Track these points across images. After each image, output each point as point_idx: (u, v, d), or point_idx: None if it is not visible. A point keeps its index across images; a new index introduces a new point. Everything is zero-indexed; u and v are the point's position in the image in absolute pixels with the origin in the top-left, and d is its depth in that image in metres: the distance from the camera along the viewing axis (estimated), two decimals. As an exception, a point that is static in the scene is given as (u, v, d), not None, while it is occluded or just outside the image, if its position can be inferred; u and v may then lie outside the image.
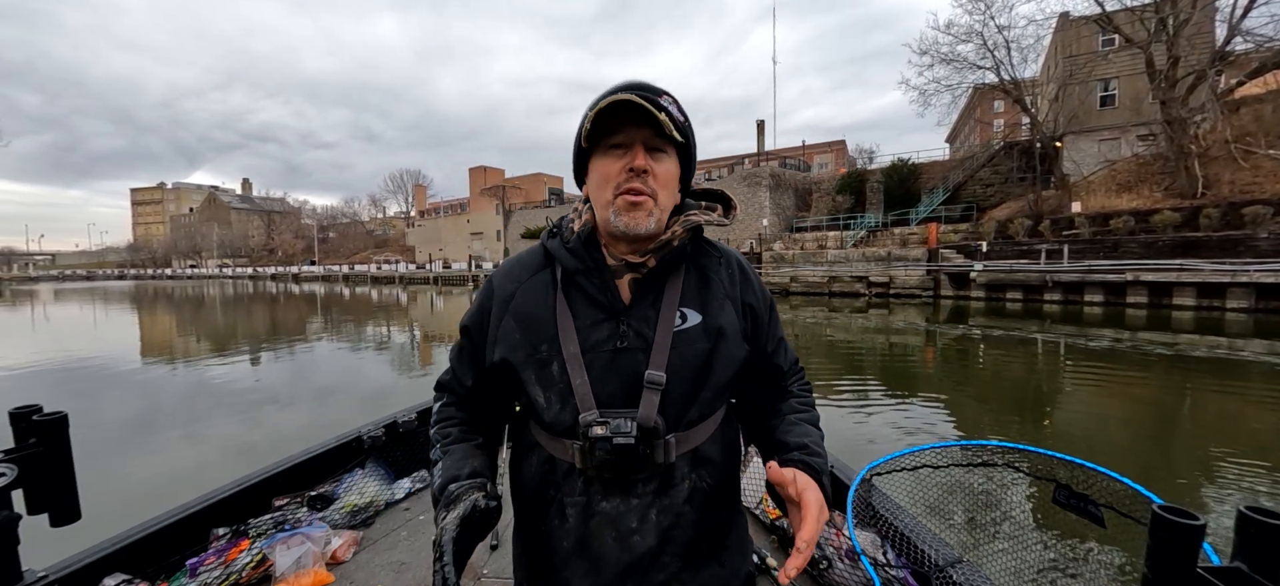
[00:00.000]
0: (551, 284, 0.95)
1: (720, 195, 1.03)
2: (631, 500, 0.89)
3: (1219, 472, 5.26)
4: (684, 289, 0.94)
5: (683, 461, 0.91)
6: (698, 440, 0.93)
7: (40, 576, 1.66)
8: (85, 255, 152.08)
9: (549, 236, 0.99)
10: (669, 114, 0.84)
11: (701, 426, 0.93)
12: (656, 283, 0.93)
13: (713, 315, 0.93)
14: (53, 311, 29.16)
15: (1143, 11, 21.36)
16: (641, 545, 0.89)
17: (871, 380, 9.92)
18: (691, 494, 0.91)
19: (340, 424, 3.02)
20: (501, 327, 0.94)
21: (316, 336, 16.99)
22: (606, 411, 0.85)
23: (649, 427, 0.84)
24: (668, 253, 0.92)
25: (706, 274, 0.97)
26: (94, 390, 9.89)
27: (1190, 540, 0.74)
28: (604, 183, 0.88)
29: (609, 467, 0.85)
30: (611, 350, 0.89)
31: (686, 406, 0.90)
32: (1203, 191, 20.16)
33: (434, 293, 40.82)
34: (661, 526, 0.89)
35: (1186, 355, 10.98)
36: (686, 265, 0.96)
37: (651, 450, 0.85)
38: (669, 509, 0.90)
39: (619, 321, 0.90)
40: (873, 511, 2.00)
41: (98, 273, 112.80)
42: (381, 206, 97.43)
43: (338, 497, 2.58)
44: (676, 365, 0.88)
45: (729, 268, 1.00)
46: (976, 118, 43.90)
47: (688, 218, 0.95)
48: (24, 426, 1.60)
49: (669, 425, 0.88)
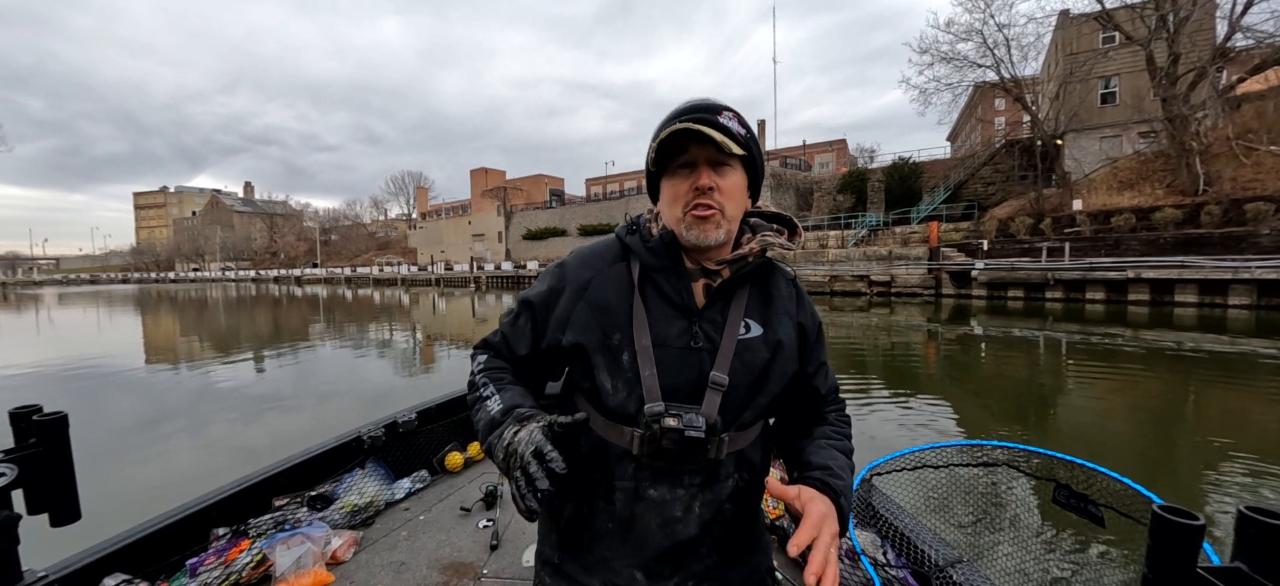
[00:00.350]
0: (627, 277, 1.00)
1: (788, 220, 1.09)
2: (678, 490, 0.93)
3: (1219, 471, 5.25)
4: (749, 301, 1.00)
5: (730, 460, 0.96)
6: (744, 442, 0.98)
7: (40, 576, 1.66)
8: (89, 259, 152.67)
9: (628, 232, 1.04)
10: (729, 132, 0.89)
11: (749, 430, 0.99)
12: (727, 292, 0.99)
13: (773, 329, 0.99)
14: (57, 315, 29.23)
15: (1143, 9, 21.33)
16: (684, 533, 0.94)
17: (872, 379, 9.92)
18: (734, 492, 0.97)
19: (342, 425, 3.02)
20: (575, 311, 0.98)
21: (319, 339, 17.03)
22: (672, 404, 0.90)
23: (711, 424, 0.89)
24: (742, 267, 0.98)
25: (769, 290, 1.04)
26: (97, 392, 9.93)
27: (1190, 540, 0.75)
28: (674, 201, 0.94)
29: (666, 457, 0.89)
30: (683, 348, 0.94)
31: (741, 410, 0.95)
32: (1204, 188, 20.13)
33: (436, 294, 40.88)
34: (703, 519, 0.94)
35: (1188, 352, 10.97)
36: (753, 281, 1.03)
37: (708, 446, 0.89)
38: (711, 503, 0.95)
39: (692, 322, 0.95)
40: (873, 511, 2.00)
41: (101, 276, 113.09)
42: (383, 208, 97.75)
43: (338, 497, 2.58)
44: (738, 370, 0.94)
45: (789, 287, 1.08)
46: (978, 116, 43.81)
47: (764, 237, 1.02)
48: (24, 426, 1.60)
49: (724, 425, 0.93)
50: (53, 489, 1.62)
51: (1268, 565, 0.71)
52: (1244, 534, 0.74)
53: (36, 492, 1.60)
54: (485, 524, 2.57)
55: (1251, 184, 19.27)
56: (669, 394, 0.91)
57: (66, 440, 1.65)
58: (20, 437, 1.59)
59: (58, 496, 1.63)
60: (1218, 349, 11.18)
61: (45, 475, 1.60)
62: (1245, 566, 0.72)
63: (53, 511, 1.63)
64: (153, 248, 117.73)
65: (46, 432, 1.61)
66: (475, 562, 2.30)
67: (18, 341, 18.22)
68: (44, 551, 1.72)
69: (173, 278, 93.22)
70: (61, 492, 1.64)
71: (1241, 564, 0.73)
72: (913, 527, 1.90)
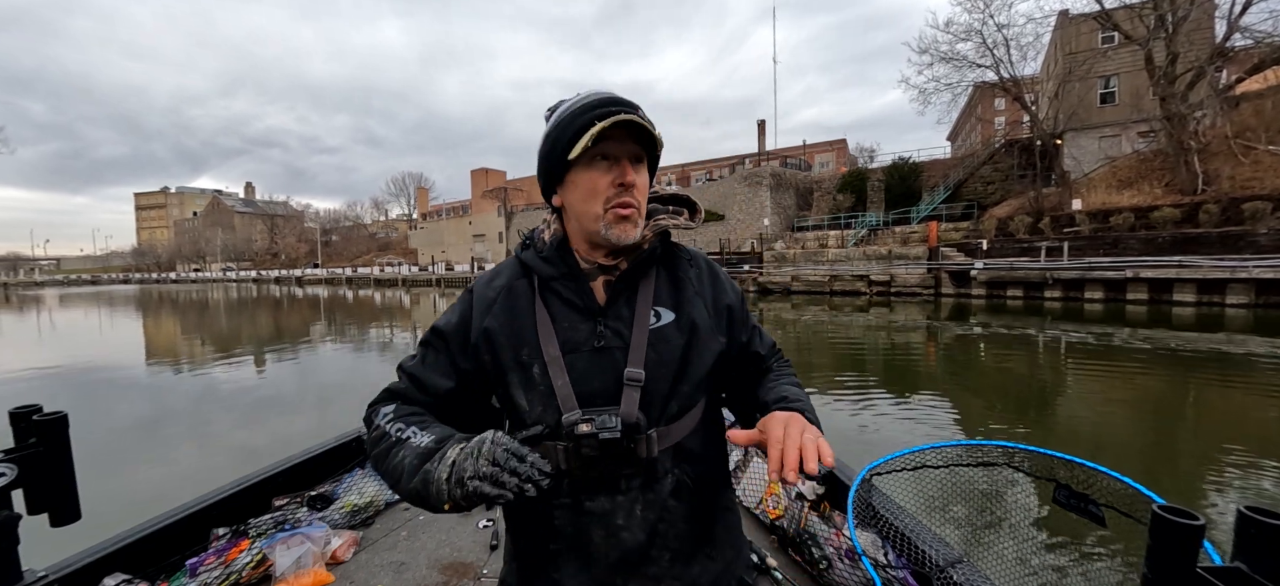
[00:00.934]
0: (528, 291, 0.97)
1: (686, 199, 1.05)
2: (617, 497, 0.90)
3: (1219, 471, 5.26)
4: (657, 290, 0.97)
5: (665, 456, 0.92)
6: (679, 435, 0.94)
7: (40, 576, 1.65)
8: (90, 260, 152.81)
9: (522, 248, 1.02)
10: (652, 130, 0.88)
11: (682, 421, 0.94)
12: (629, 284, 0.96)
13: (685, 312, 0.96)
14: (58, 316, 29.30)
15: (1142, 9, 21.35)
16: (630, 540, 0.90)
17: (873, 378, 9.94)
18: (676, 488, 0.93)
19: (345, 425, 3.04)
20: (484, 334, 0.95)
21: (321, 339, 17.09)
22: (588, 409, 0.87)
23: (631, 423, 0.86)
24: (638, 256, 0.96)
25: (677, 275, 1.00)
26: (98, 393, 9.98)
27: (1190, 540, 0.74)
28: (592, 196, 0.90)
29: (594, 466, 0.87)
30: (591, 349, 0.91)
31: (666, 402, 0.92)
32: (1203, 187, 20.16)
33: (437, 294, 40.89)
34: (649, 521, 0.91)
35: (1187, 351, 10.99)
36: (657, 267, 0.99)
37: (635, 445, 0.87)
38: (654, 504, 0.91)
39: (596, 321, 0.93)
40: (873, 511, 1.99)
41: (102, 277, 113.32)
42: (384, 209, 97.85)
43: (338, 497, 2.58)
44: (654, 362, 0.91)
45: (697, 268, 1.03)
46: (978, 116, 43.82)
47: (656, 222, 0.98)
48: (24, 426, 1.59)
49: (650, 421, 0.89)
50: (53, 489, 1.61)
51: (1268, 565, 0.70)
52: (1244, 534, 0.73)
53: (36, 492, 1.58)
54: (485, 524, 2.57)
55: (1250, 183, 19.30)
56: (586, 400, 0.88)
57: (66, 440, 1.64)
58: (20, 437, 1.58)
59: (58, 496, 1.62)
60: (1216, 348, 11.21)
61: (45, 475, 1.59)
62: (1245, 566, 0.72)
63: (53, 511, 1.62)
64: (154, 249, 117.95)
65: (46, 432, 1.60)
66: (475, 562, 2.29)
67: (20, 343, 18.26)
68: (44, 551, 1.71)
69: (174, 278, 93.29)
70: (61, 492, 1.63)
71: (1241, 564, 0.72)
72: (913, 527, 1.88)
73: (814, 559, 2.10)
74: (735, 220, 37.27)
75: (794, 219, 36.98)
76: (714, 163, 59.61)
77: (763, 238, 32.96)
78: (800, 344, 13.99)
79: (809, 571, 2.12)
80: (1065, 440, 6.31)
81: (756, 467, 2.76)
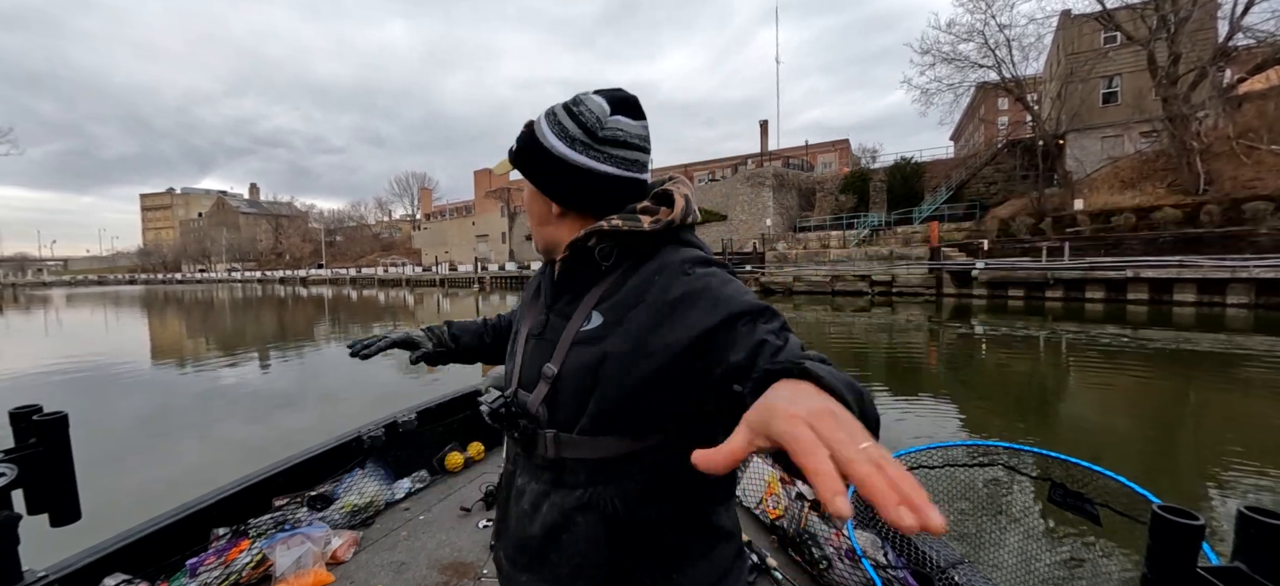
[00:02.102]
0: (544, 277, 1.04)
1: (664, 194, 0.91)
2: (531, 483, 0.93)
3: (1218, 470, 5.25)
4: (610, 291, 0.87)
5: (579, 467, 0.86)
6: (597, 453, 0.85)
7: (40, 576, 1.66)
8: (96, 260, 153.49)
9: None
10: (511, 154, 0.96)
11: (601, 441, 0.84)
12: (574, 281, 0.92)
13: (624, 323, 0.83)
14: (65, 316, 29.54)
15: (1143, 9, 21.31)
16: (531, 529, 0.90)
17: (873, 378, 9.94)
18: (588, 505, 0.86)
19: (348, 424, 3.03)
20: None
21: (325, 339, 17.17)
22: (515, 389, 0.95)
23: (531, 412, 0.90)
24: (567, 254, 0.89)
25: (639, 280, 0.85)
26: (103, 392, 10.06)
27: (1190, 540, 0.75)
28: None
29: (511, 439, 0.96)
30: (537, 337, 0.95)
31: (575, 411, 0.85)
32: (1205, 188, 20.13)
33: (440, 294, 41.08)
34: (548, 522, 0.88)
35: (1187, 351, 11.00)
36: (627, 272, 0.87)
37: (536, 441, 0.90)
38: (558, 506, 0.88)
39: (547, 314, 0.96)
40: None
41: (109, 277, 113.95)
42: (387, 209, 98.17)
43: (338, 497, 2.58)
44: (572, 365, 0.86)
45: (666, 276, 0.83)
46: (980, 116, 43.75)
47: (605, 223, 0.85)
48: (24, 426, 1.60)
49: (552, 420, 0.88)
50: (53, 489, 1.63)
51: (1267, 565, 0.71)
52: (1244, 534, 0.74)
53: (36, 492, 1.60)
54: (485, 524, 2.59)
55: (1252, 183, 19.25)
56: (524, 383, 0.94)
57: (66, 440, 1.65)
58: (20, 437, 1.59)
59: (58, 496, 1.63)
60: (1216, 348, 11.22)
61: (45, 475, 1.61)
62: (1245, 566, 0.73)
63: (53, 511, 1.63)
64: (159, 249, 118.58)
65: (46, 432, 1.61)
66: (475, 562, 2.31)
67: (27, 342, 18.45)
68: (44, 551, 1.72)
69: (179, 278, 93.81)
70: (61, 492, 1.64)
71: (1241, 564, 0.73)
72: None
73: (814, 559, 2.11)
74: (738, 220, 37.31)
75: (796, 219, 37.04)
76: (716, 163, 59.57)
77: (765, 238, 33.03)
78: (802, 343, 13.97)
79: (809, 571, 2.12)
80: (1065, 440, 6.31)
81: (757, 468, 2.72)
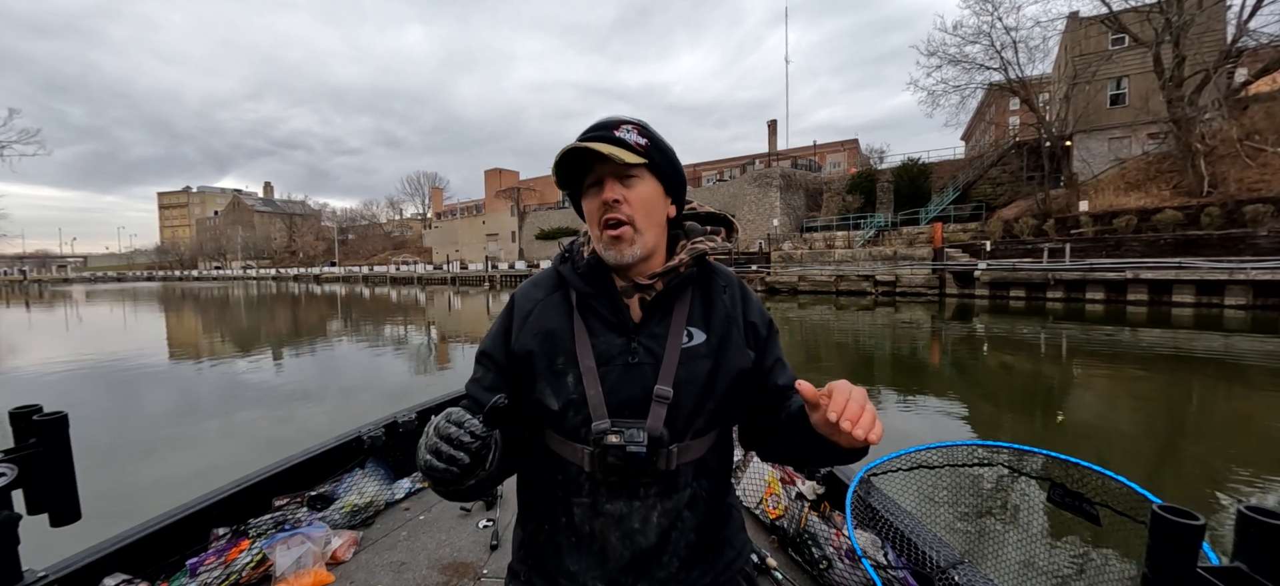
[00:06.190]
0: (566, 303, 1.03)
1: (724, 219, 1.11)
2: (635, 502, 0.95)
3: (1218, 470, 5.25)
4: (691, 310, 1.02)
5: (686, 469, 0.97)
6: (700, 451, 0.99)
7: (40, 576, 1.65)
8: (115, 257, 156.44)
9: (561, 261, 1.08)
10: (624, 143, 0.93)
11: (704, 438, 1.00)
12: (665, 304, 1.01)
13: (715, 334, 1.00)
14: (85, 311, 30.28)
15: (1149, 11, 21.25)
16: (644, 542, 0.95)
17: (874, 378, 10.00)
18: (692, 500, 0.98)
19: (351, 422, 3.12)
20: (521, 339, 1.01)
21: (338, 336, 17.44)
22: (618, 421, 0.93)
23: (656, 437, 0.92)
24: (675, 279, 1.00)
25: (711, 296, 1.04)
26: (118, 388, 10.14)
27: (1190, 540, 0.75)
28: (591, 219, 0.99)
29: (617, 472, 0.92)
30: (624, 365, 0.96)
31: (692, 419, 0.96)
32: (1209, 190, 20.07)
33: (451, 293, 41.46)
34: (662, 527, 0.96)
35: (1185, 351, 11.04)
36: (693, 287, 1.04)
37: (656, 458, 0.93)
38: (670, 511, 0.96)
39: (630, 338, 0.98)
40: (872, 511, 1.98)
41: (127, 274, 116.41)
42: (399, 208, 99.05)
43: (338, 497, 2.58)
44: (683, 380, 0.95)
45: (731, 291, 1.07)
46: (989, 118, 43.58)
47: (693, 245, 1.03)
48: (24, 426, 1.59)
49: (673, 436, 0.95)
50: (52, 489, 1.62)
51: (1268, 565, 0.71)
52: (1244, 533, 0.73)
53: (36, 492, 1.59)
54: (485, 524, 2.60)
55: (1257, 185, 19.20)
56: (616, 411, 0.93)
57: (66, 440, 1.65)
58: (20, 437, 1.59)
59: (57, 496, 1.63)
60: (1215, 349, 11.23)
61: (45, 475, 1.60)
62: (1245, 566, 0.72)
63: (52, 511, 1.62)
64: (176, 247, 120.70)
65: (46, 432, 1.60)
66: (475, 562, 2.30)
67: (49, 337, 18.88)
68: (44, 551, 1.72)
69: (195, 276, 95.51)
70: (61, 492, 1.63)
71: (1241, 564, 0.73)
72: (913, 528, 1.88)
73: (814, 559, 2.12)
74: (745, 221, 37.41)
75: (803, 219, 37.14)
76: (724, 163, 59.64)
77: (770, 238, 33.23)
78: (805, 342, 14.23)
79: (809, 571, 2.13)
80: (1065, 440, 6.32)
81: (755, 468, 2.77)
